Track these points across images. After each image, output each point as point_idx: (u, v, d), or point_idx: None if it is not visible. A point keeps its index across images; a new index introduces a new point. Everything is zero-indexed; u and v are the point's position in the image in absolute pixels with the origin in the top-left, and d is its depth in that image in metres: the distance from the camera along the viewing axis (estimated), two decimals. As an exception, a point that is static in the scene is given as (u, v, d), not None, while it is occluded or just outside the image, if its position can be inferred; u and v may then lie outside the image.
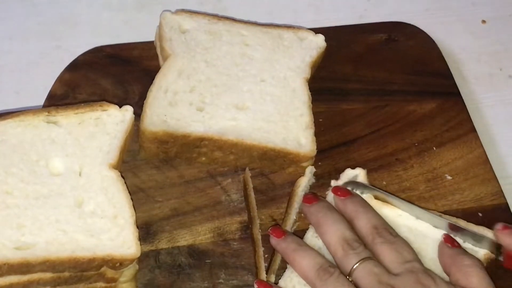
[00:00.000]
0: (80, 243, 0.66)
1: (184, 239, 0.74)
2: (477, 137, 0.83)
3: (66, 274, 0.66)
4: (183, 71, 0.81)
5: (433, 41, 0.93)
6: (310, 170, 0.76)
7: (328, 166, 0.80)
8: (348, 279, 0.64)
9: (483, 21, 1.01)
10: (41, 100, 0.83)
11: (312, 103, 0.80)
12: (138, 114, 0.77)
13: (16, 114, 0.74)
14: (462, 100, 0.87)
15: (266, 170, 0.79)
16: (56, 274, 0.66)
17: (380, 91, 0.87)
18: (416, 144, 0.83)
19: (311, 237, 0.70)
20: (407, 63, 0.91)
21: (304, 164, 0.78)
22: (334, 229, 0.67)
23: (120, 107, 0.76)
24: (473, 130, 0.84)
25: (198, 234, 0.74)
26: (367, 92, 0.87)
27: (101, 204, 0.69)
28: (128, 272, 0.69)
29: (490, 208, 0.78)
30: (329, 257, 0.67)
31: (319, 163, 0.79)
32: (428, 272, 0.64)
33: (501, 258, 0.69)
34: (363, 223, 0.68)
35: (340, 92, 0.87)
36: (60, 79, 0.85)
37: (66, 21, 0.98)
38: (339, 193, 0.71)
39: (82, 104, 0.76)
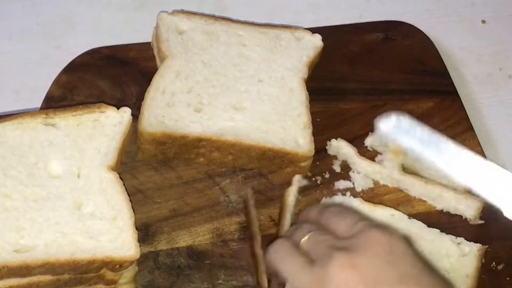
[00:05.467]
0: (79, 245, 0.66)
1: (183, 240, 0.74)
2: (475, 136, 0.83)
3: (66, 276, 0.66)
4: (180, 72, 0.81)
5: (430, 40, 0.93)
6: (297, 179, 0.76)
7: (326, 166, 0.80)
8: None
9: (483, 21, 1.01)
10: (40, 101, 0.83)
11: (309, 103, 0.80)
12: (135, 115, 0.77)
13: (14, 116, 0.74)
14: (460, 98, 0.87)
15: (265, 170, 0.79)
16: (55, 277, 0.66)
17: (377, 90, 0.87)
18: (414, 143, 0.83)
19: None
20: (405, 62, 0.91)
21: (302, 164, 0.78)
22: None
23: (118, 108, 0.76)
24: (471, 128, 0.84)
25: (197, 235, 0.74)
26: (364, 92, 0.87)
27: (100, 206, 0.69)
28: (128, 274, 0.69)
29: (489, 206, 0.77)
30: None
31: (317, 163, 0.79)
32: (378, 224, 0.62)
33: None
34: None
35: (338, 91, 0.87)
36: (57, 81, 0.85)
37: (66, 21, 0.98)
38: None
39: (80, 106, 0.76)
